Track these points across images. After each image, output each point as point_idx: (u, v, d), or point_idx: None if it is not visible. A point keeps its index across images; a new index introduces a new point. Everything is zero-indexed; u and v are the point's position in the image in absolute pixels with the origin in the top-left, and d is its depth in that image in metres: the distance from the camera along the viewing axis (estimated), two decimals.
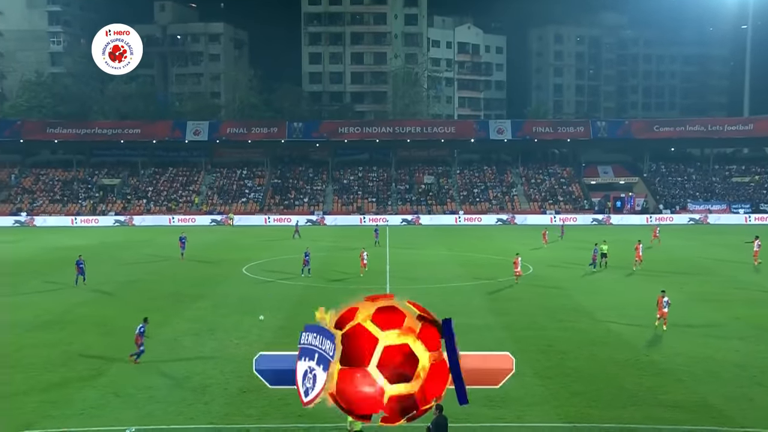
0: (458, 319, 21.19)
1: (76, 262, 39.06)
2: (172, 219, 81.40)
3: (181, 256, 49.29)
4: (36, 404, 19.74)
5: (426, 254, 53.33)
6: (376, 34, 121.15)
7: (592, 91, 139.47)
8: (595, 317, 31.23)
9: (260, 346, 26.23)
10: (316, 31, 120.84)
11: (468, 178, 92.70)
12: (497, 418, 19.13)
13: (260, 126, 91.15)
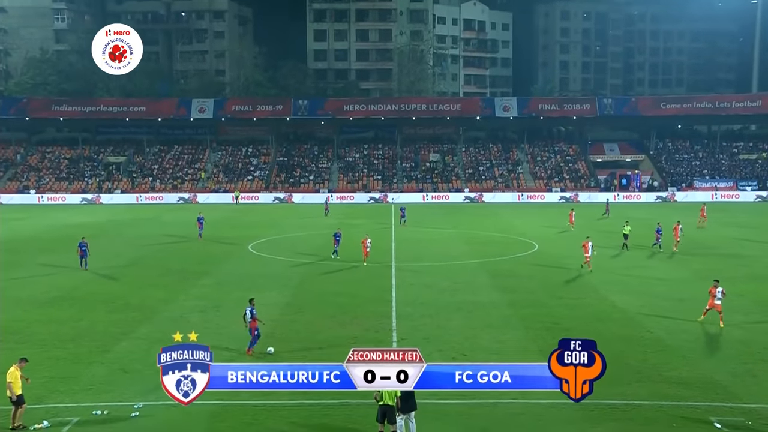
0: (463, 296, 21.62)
1: (78, 244, 38.00)
2: (182, 197, 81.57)
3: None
4: (45, 379, 19.92)
5: (429, 232, 53.32)
6: (382, 10, 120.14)
7: (598, 68, 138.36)
8: (600, 293, 31.25)
9: (266, 323, 26.43)
10: (320, 8, 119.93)
11: (473, 156, 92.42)
12: (501, 394, 19.12)
13: (265, 104, 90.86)
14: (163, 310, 28.58)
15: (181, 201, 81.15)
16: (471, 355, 22.46)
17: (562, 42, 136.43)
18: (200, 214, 51.16)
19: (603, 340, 23.97)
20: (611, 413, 18.05)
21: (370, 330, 25.55)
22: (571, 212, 54.99)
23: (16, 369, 17.38)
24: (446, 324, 26.30)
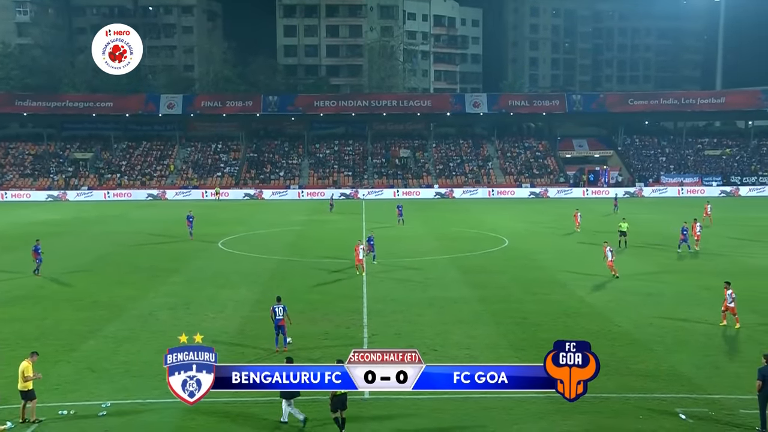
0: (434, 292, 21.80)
1: (33, 247, 35.09)
2: (150, 194, 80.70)
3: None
4: (9, 379, 19.51)
5: (399, 229, 53.39)
6: (352, 6, 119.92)
7: (567, 65, 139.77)
8: (569, 289, 31.60)
9: (236, 320, 26.33)
10: (290, 4, 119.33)
11: (444, 152, 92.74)
12: None
13: (235, 99, 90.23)
14: (132, 307, 28.27)
15: (150, 198, 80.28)
16: (442, 351, 22.57)
17: (531, 38, 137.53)
18: (190, 212, 48.71)
19: (572, 335, 24.36)
20: (580, 406, 18.24)
21: (341, 326, 25.54)
22: (576, 213, 51.36)
23: (29, 363, 17.43)
24: (417, 320, 26.39)
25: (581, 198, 79.83)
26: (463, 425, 17.29)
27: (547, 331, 24.84)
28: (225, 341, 23.39)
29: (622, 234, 42.75)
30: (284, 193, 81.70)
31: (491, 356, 22.10)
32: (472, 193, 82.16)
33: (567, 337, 24.10)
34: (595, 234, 46.50)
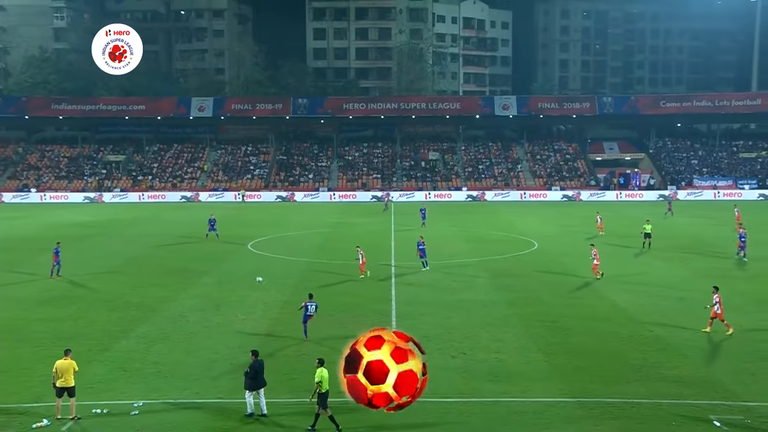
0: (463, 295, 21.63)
1: (54, 250, 35.14)
2: (184, 196, 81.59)
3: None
4: (45, 377, 19.82)
5: (429, 231, 53.25)
6: (381, 9, 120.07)
7: (598, 67, 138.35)
8: (600, 293, 31.25)
9: (266, 322, 26.48)
10: (320, 7, 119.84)
11: (473, 155, 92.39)
12: (502, 392, 19.24)
13: (265, 102, 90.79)
14: (163, 309, 28.57)
15: (184, 200, 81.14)
16: (471, 354, 22.47)
17: (561, 40, 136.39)
18: (212, 216, 49.29)
19: (602, 339, 24.13)
20: (611, 411, 18.06)
21: (369, 328, 25.49)
22: (597, 216, 50.62)
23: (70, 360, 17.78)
24: (446, 323, 26.29)
25: (614, 201, 78.92)
26: (493, 429, 17.18)
27: (577, 336, 24.61)
28: (255, 342, 23.53)
29: (646, 236, 42.43)
30: (316, 196, 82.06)
31: (520, 360, 21.95)
32: (503, 195, 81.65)
33: (598, 342, 23.97)
34: (625, 238, 45.97)
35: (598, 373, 20.76)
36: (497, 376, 20.51)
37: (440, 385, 19.66)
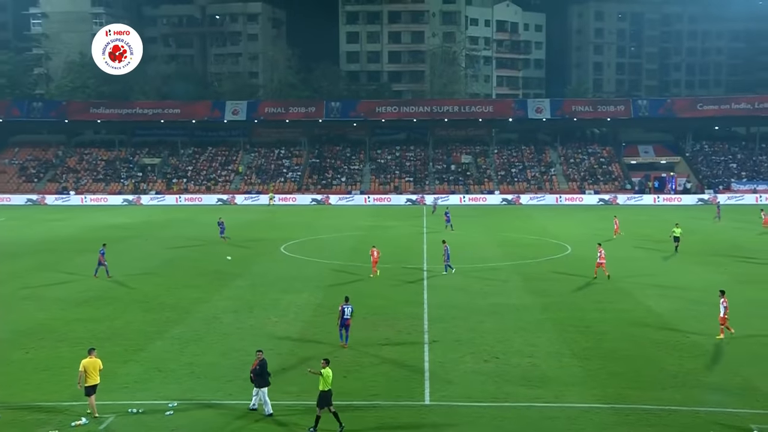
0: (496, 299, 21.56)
1: (100, 251, 36.00)
2: (221, 199, 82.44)
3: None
4: None
5: (462, 235, 53.06)
6: (414, 12, 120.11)
7: (633, 69, 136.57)
8: (635, 297, 30.80)
9: (299, 324, 26.60)
10: (353, 10, 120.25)
11: (506, 158, 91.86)
12: (535, 397, 19.06)
13: (298, 106, 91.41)
14: (197, 310, 28.86)
15: (220, 202, 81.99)
16: (504, 359, 22.30)
17: (595, 43, 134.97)
18: (220, 219, 50.37)
19: (638, 345, 23.77)
20: (647, 418, 17.77)
21: (402, 332, 25.50)
22: (615, 219, 50.92)
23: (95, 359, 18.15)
24: (478, 327, 26.14)
25: (651, 205, 77.80)
26: None
27: (612, 341, 24.29)
28: (288, 345, 23.66)
29: (675, 240, 42.54)
30: (351, 199, 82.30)
31: (553, 365, 21.73)
32: (539, 199, 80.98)
33: (633, 347, 23.62)
34: (660, 242, 45.26)
35: (634, 379, 20.45)
36: (530, 380, 20.33)
37: (473, 389, 19.56)
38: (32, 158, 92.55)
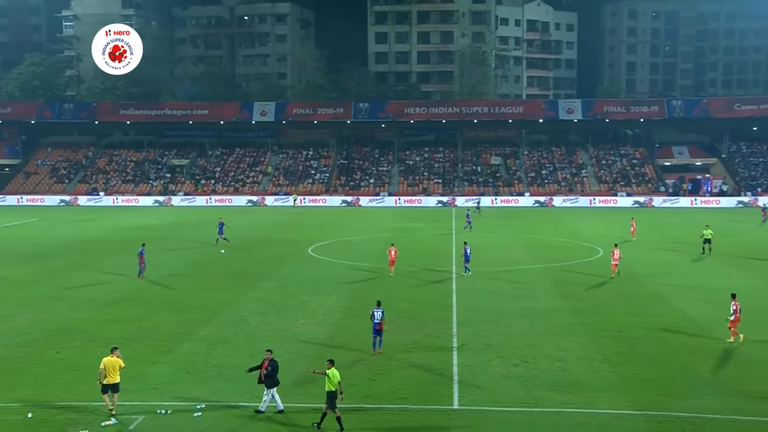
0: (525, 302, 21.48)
1: (139, 251, 36.47)
2: (250, 200, 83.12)
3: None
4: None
5: (492, 237, 52.87)
6: (443, 12, 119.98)
7: (667, 69, 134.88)
8: (669, 302, 30.42)
9: (326, 327, 26.69)
10: (382, 10, 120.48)
11: (536, 159, 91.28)
12: (566, 403, 18.92)
13: (326, 107, 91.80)
14: (225, 312, 29.11)
15: (250, 204, 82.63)
16: (533, 363, 22.17)
17: (629, 42, 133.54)
18: (220, 219, 49.61)
19: (671, 351, 23.47)
20: (681, 426, 17.54)
21: (430, 335, 25.47)
22: (632, 221, 51.06)
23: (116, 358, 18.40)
24: (508, 330, 26.02)
25: (688, 208, 76.73)
26: None
27: (645, 346, 24.02)
28: (315, 347, 23.75)
29: (706, 242, 42.61)
30: (381, 200, 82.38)
31: (585, 370, 21.55)
32: (572, 201, 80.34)
33: (667, 353, 23.32)
34: (696, 246, 44.59)
35: (667, 386, 20.19)
36: (561, 385, 20.18)
37: (502, 394, 19.48)
38: (63, 159, 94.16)
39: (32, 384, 20.49)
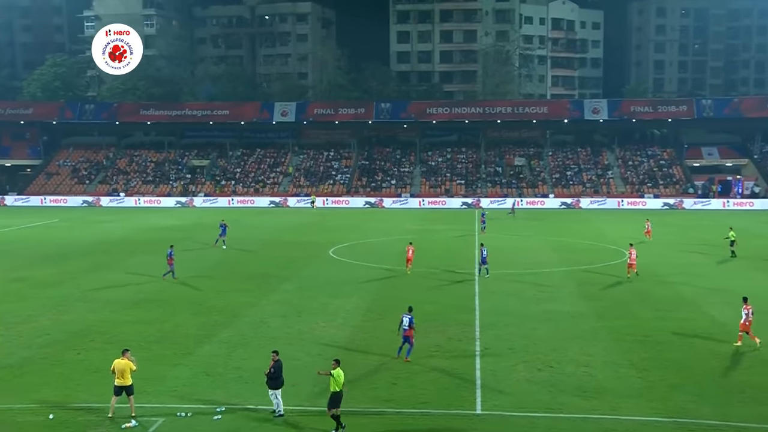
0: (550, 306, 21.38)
1: (168, 253, 36.69)
2: (273, 201, 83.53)
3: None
4: (133, 379, 20.64)
5: (516, 239, 52.66)
6: (467, 11, 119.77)
7: (697, 68, 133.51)
8: (698, 306, 30.09)
9: (347, 330, 26.74)
10: (404, 9, 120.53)
11: (561, 160, 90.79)
12: (590, 409, 18.79)
13: (347, 107, 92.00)
14: (245, 314, 29.27)
15: (272, 205, 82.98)
16: (558, 368, 22.05)
17: (657, 40, 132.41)
18: (222, 221, 49.66)
19: (699, 357, 23.23)
20: None
21: (452, 339, 25.43)
22: (647, 222, 51.44)
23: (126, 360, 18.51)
24: (532, 334, 25.91)
25: (720, 210, 75.82)
26: None
27: (672, 351, 23.80)
28: (336, 350, 23.79)
29: (731, 243, 42.94)
30: (405, 202, 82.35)
31: (610, 375, 21.39)
32: (600, 203, 79.71)
33: (695, 359, 23.08)
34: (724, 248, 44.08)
35: (696, 393, 19.98)
36: (586, 391, 20.06)
37: (526, 399, 19.40)
38: (84, 160, 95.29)
39: (53, 385, 20.76)
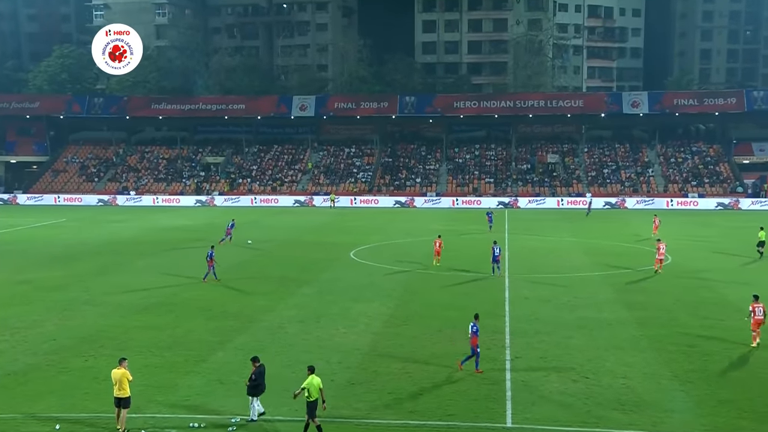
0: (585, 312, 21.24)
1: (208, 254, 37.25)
2: (297, 200, 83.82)
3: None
4: (142, 388, 20.81)
5: (548, 241, 52.32)
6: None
7: (748, 57, 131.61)
8: (746, 314, 29.65)
9: (368, 336, 26.72)
10: None
11: (597, 157, 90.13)
12: (629, 424, 18.61)
13: (370, 100, 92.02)
14: (261, 319, 29.37)
15: (297, 204, 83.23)
16: (594, 379, 21.86)
17: (703, 28, 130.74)
18: (232, 221, 51.77)
19: (752, 368, 22.91)
20: None
21: (481, 347, 25.23)
22: (655, 219, 53.90)
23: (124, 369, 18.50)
24: (565, 342, 25.72)
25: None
26: None
27: (720, 363, 23.50)
28: (357, 358, 23.78)
29: (760, 244, 43.53)
30: (438, 201, 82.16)
31: (651, 387, 21.17)
32: (646, 203, 78.78)
33: (746, 371, 22.76)
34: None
35: (748, 408, 19.69)
36: (624, 404, 19.86)
37: (560, 412, 19.25)
38: (92, 156, 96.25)
39: (60, 393, 20.94)
